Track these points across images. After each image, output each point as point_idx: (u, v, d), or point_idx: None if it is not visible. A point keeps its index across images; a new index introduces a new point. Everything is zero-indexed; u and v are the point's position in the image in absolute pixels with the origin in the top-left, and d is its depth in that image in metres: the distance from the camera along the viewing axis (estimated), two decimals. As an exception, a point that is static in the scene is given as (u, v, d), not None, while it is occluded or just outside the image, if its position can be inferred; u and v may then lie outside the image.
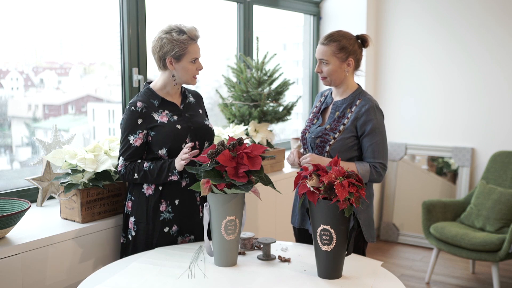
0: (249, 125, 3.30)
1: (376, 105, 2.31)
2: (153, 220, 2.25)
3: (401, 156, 4.86)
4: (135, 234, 2.27)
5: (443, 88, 4.65)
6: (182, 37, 2.17)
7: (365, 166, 2.25)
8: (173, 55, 2.19)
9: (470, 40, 4.47)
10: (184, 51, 2.18)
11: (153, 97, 2.26)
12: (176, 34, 2.17)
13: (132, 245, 2.28)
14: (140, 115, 2.21)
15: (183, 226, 2.29)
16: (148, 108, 2.23)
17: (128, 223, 2.31)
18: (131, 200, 2.30)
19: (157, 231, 2.25)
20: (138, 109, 2.21)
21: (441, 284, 3.91)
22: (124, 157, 2.21)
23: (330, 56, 2.30)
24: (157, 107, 2.25)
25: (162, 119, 2.23)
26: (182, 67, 2.21)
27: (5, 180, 2.59)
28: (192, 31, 2.20)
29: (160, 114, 2.24)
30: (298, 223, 2.50)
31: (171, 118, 2.25)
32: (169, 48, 2.18)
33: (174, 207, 2.26)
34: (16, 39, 2.77)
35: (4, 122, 2.77)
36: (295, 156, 2.36)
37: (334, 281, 1.84)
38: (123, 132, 2.23)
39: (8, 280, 1.97)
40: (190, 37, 2.19)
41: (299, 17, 4.79)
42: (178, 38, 2.17)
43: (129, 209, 2.31)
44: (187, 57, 2.20)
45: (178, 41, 2.17)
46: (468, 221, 3.90)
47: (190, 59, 2.20)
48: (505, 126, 4.39)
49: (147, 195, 2.26)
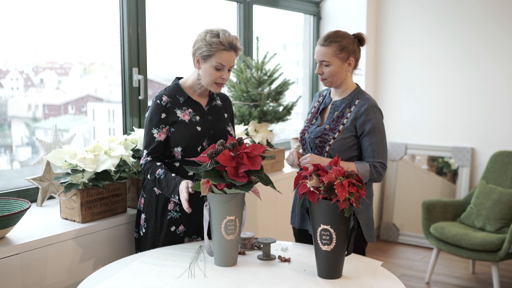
0: (249, 125, 3.30)
1: (375, 105, 2.31)
2: (161, 219, 2.27)
3: (401, 156, 4.86)
4: (145, 231, 2.31)
5: (443, 88, 4.65)
6: (214, 40, 2.17)
7: (365, 166, 2.25)
8: (200, 54, 2.20)
9: (470, 40, 4.47)
10: (210, 53, 2.18)
11: (179, 93, 2.27)
12: (211, 35, 2.18)
13: (143, 241, 2.31)
14: (164, 109, 2.22)
15: (190, 226, 2.30)
16: (173, 103, 2.24)
17: (140, 219, 2.34)
18: (143, 197, 2.33)
19: (164, 230, 2.27)
20: (163, 103, 2.23)
21: (441, 284, 3.91)
22: (148, 151, 2.22)
23: (331, 57, 2.29)
24: (181, 104, 2.26)
25: (184, 117, 2.24)
26: (205, 69, 2.21)
27: (5, 180, 2.59)
28: (227, 38, 2.18)
29: (183, 112, 2.25)
30: (297, 223, 2.50)
31: (193, 117, 2.26)
32: (199, 47, 2.20)
33: (181, 207, 2.27)
34: (16, 39, 2.77)
35: (4, 122, 2.77)
36: (295, 156, 2.36)
37: (334, 281, 1.84)
38: (147, 125, 2.24)
39: (8, 280, 1.97)
40: (222, 43, 2.17)
41: (299, 17, 4.79)
42: (209, 39, 2.17)
43: (141, 206, 2.34)
44: (212, 60, 2.18)
45: (208, 42, 2.17)
46: (468, 221, 3.90)
47: (214, 63, 2.18)
48: (505, 126, 4.39)
49: (157, 193, 2.28)
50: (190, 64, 2.34)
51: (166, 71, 3.78)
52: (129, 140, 2.60)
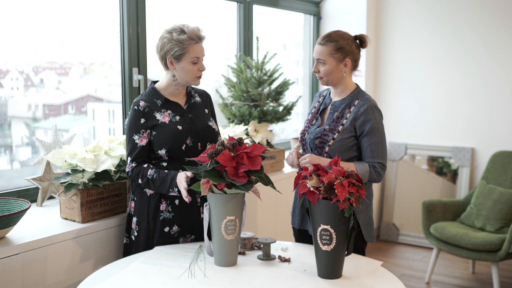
0: (249, 125, 3.30)
1: (374, 105, 2.30)
2: (153, 220, 2.26)
3: (401, 156, 4.86)
4: (137, 234, 2.28)
5: (443, 88, 4.65)
6: (182, 37, 2.15)
7: (365, 166, 2.25)
8: (173, 55, 2.17)
9: (470, 40, 4.47)
10: (184, 51, 2.16)
11: (156, 96, 2.26)
12: (177, 34, 2.16)
13: (135, 245, 2.28)
14: (143, 114, 2.21)
15: (183, 226, 2.28)
16: (151, 107, 2.23)
17: (131, 223, 2.31)
18: (133, 201, 2.31)
19: (157, 231, 2.25)
20: (141, 108, 2.22)
21: (441, 284, 3.91)
22: (132, 157, 2.22)
23: (327, 56, 2.29)
24: (159, 107, 2.25)
25: (164, 119, 2.23)
26: (182, 68, 2.20)
27: (5, 180, 2.59)
28: (193, 31, 2.17)
29: (163, 114, 2.24)
30: (298, 224, 2.50)
31: (173, 118, 2.25)
32: (169, 48, 2.17)
33: (174, 207, 2.26)
34: (16, 39, 2.77)
35: (4, 122, 2.77)
36: (294, 156, 2.36)
37: (334, 281, 1.84)
38: (128, 132, 2.23)
39: (8, 280, 1.97)
40: (191, 37, 2.16)
41: (299, 17, 4.79)
42: (178, 38, 2.15)
43: (132, 210, 2.31)
44: (187, 57, 2.17)
45: (177, 41, 2.15)
46: (468, 221, 3.90)
47: (190, 59, 2.18)
48: (505, 126, 4.39)
49: (148, 195, 2.26)
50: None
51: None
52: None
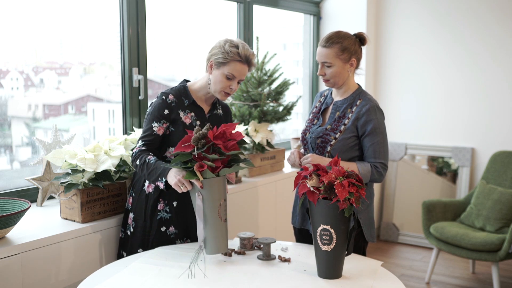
0: (249, 125, 3.30)
1: (376, 105, 2.31)
2: (150, 218, 2.27)
3: (401, 156, 4.86)
4: (133, 230, 2.30)
5: (443, 88, 4.65)
6: (232, 50, 2.20)
7: (366, 166, 2.25)
8: (215, 60, 2.22)
9: (470, 40, 4.47)
10: (225, 61, 2.20)
11: (185, 95, 2.29)
12: (229, 45, 2.21)
13: (130, 241, 2.30)
14: (168, 106, 2.23)
15: (180, 228, 2.30)
16: (178, 103, 2.25)
17: (128, 218, 2.33)
18: (132, 196, 2.33)
19: (153, 230, 2.27)
20: (169, 101, 2.24)
21: (441, 284, 3.91)
22: (143, 141, 2.21)
23: (333, 58, 2.29)
24: (185, 107, 2.27)
25: (186, 119, 2.25)
26: (216, 76, 2.23)
27: (5, 180, 2.59)
28: (244, 51, 2.21)
29: (186, 114, 2.26)
30: (298, 223, 2.50)
31: (194, 122, 2.27)
32: (216, 52, 2.22)
33: (171, 208, 2.28)
34: (16, 39, 2.77)
35: (4, 122, 2.77)
36: (296, 156, 2.36)
37: (334, 281, 1.84)
38: (149, 117, 2.24)
39: (8, 280, 1.97)
40: (239, 54, 2.19)
41: (299, 17, 4.79)
42: (228, 48, 2.20)
43: (129, 205, 2.33)
44: (225, 69, 2.20)
45: (226, 51, 2.20)
46: (468, 221, 3.90)
47: (226, 72, 2.20)
48: (505, 126, 4.39)
49: (147, 192, 2.27)
50: (190, 64, 2.35)
51: (166, 71, 3.78)
52: (129, 140, 2.60)
